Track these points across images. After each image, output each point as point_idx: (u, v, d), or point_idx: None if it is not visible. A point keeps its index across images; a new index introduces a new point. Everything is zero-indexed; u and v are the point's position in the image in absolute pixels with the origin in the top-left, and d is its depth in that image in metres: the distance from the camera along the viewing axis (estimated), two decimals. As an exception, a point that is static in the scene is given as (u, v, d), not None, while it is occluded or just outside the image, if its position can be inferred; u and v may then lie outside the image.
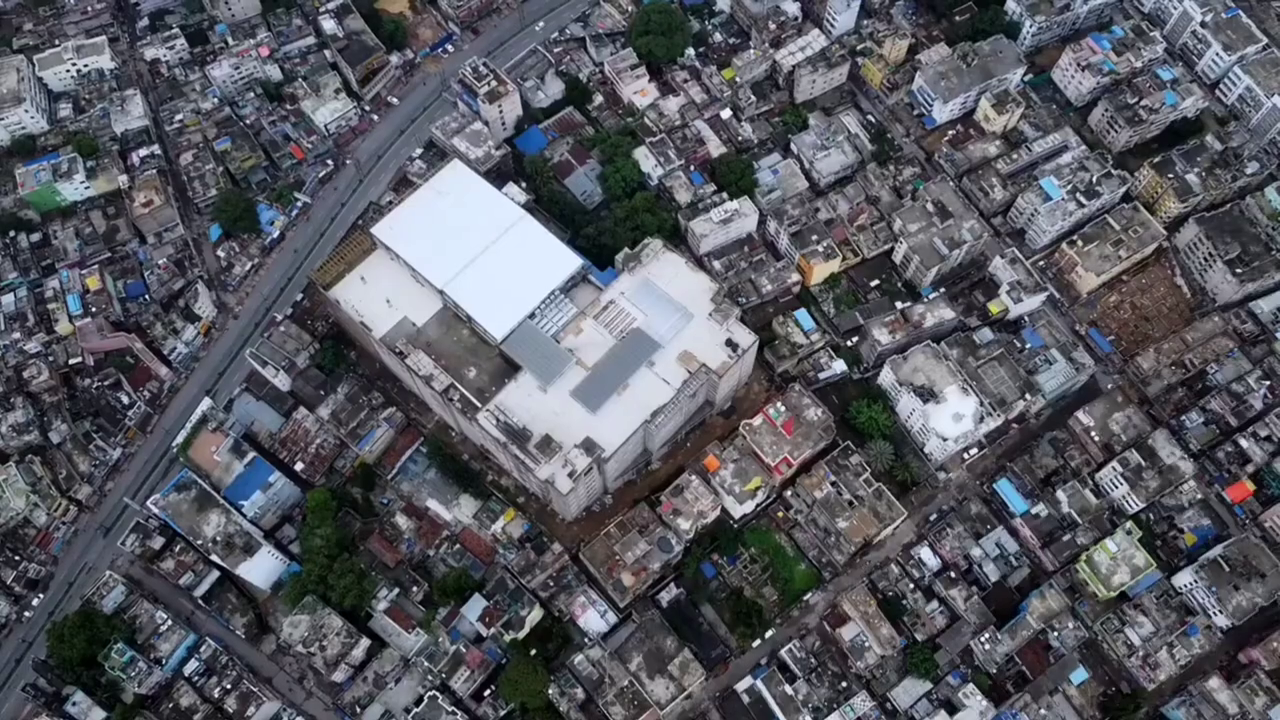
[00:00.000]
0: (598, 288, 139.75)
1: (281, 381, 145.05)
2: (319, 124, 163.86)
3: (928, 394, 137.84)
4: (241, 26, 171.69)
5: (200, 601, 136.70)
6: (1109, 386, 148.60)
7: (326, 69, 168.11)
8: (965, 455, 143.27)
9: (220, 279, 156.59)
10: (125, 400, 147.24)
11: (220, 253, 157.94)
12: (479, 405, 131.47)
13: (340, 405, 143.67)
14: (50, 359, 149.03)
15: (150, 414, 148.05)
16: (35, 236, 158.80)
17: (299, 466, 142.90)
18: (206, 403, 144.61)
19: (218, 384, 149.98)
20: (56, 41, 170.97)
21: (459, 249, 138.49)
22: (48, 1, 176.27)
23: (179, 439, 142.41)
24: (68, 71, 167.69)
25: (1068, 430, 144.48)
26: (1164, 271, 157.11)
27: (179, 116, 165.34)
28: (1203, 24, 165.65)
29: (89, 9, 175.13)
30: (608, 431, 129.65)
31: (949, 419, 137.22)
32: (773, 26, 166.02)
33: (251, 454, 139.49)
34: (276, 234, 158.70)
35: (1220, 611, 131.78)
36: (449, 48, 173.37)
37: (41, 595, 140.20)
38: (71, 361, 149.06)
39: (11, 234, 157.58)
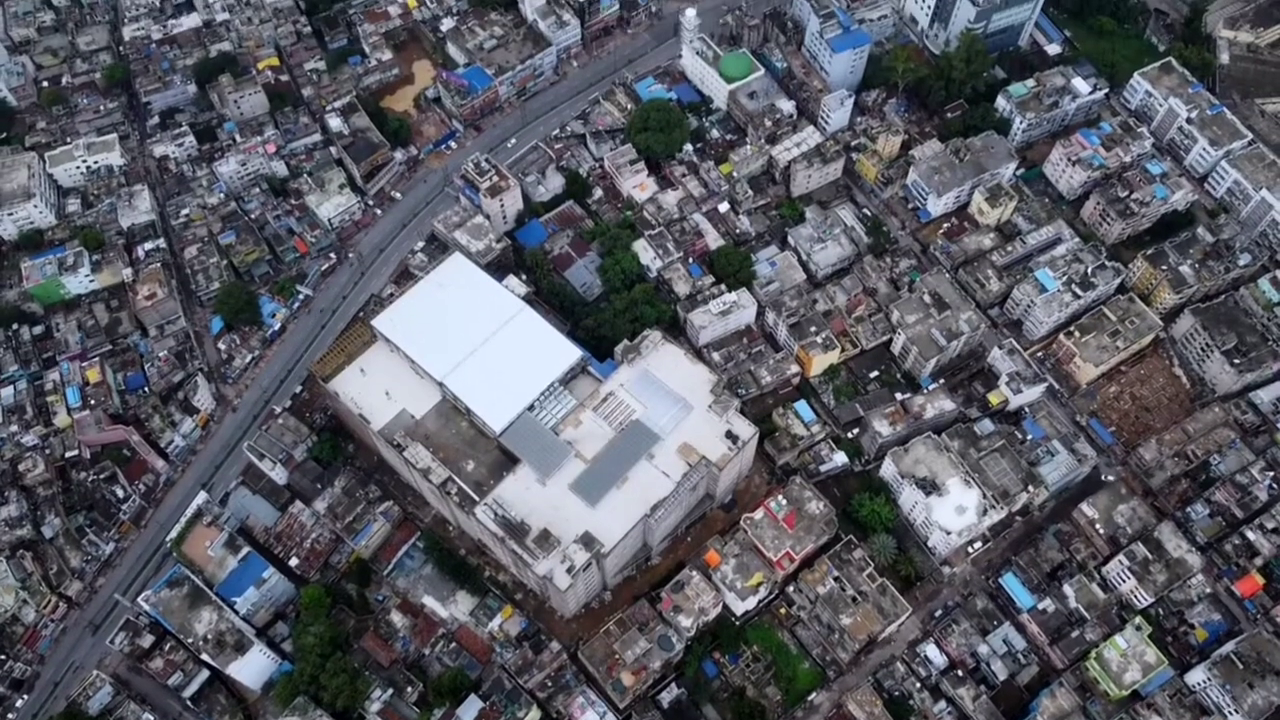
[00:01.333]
0: (597, 379, 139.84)
1: (278, 475, 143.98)
2: (323, 218, 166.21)
3: (930, 486, 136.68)
4: (250, 124, 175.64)
5: (189, 703, 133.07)
6: (1111, 478, 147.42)
7: (331, 165, 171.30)
8: (969, 549, 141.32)
9: (220, 371, 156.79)
10: (120, 494, 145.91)
11: (221, 345, 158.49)
12: (477, 499, 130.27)
13: (337, 499, 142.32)
14: (47, 452, 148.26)
15: (145, 508, 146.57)
16: (38, 329, 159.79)
17: (293, 562, 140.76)
18: (202, 496, 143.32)
19: (214, 477, 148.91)
20: (68, 139, 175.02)
21: (459, 341, 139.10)
22: (61, 100, 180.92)
23: (173, 533, 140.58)
24: (78, 168, 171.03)
25: (1072, 523, 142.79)
26: (1162, 362, 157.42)
27: (185, 211, 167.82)
28: (1188, 120, 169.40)
29: (101, 108, 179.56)
30: (607, 525, 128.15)
31: (952, 512, 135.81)
32: (768, 123, 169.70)
33: (246, 549, 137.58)
34: (277, 326, 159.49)
35: (1236, 711, 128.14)
36: (452, 144, 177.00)
37: (26, 696, 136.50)
38: (68, 454, 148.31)
39: (14, 327, 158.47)
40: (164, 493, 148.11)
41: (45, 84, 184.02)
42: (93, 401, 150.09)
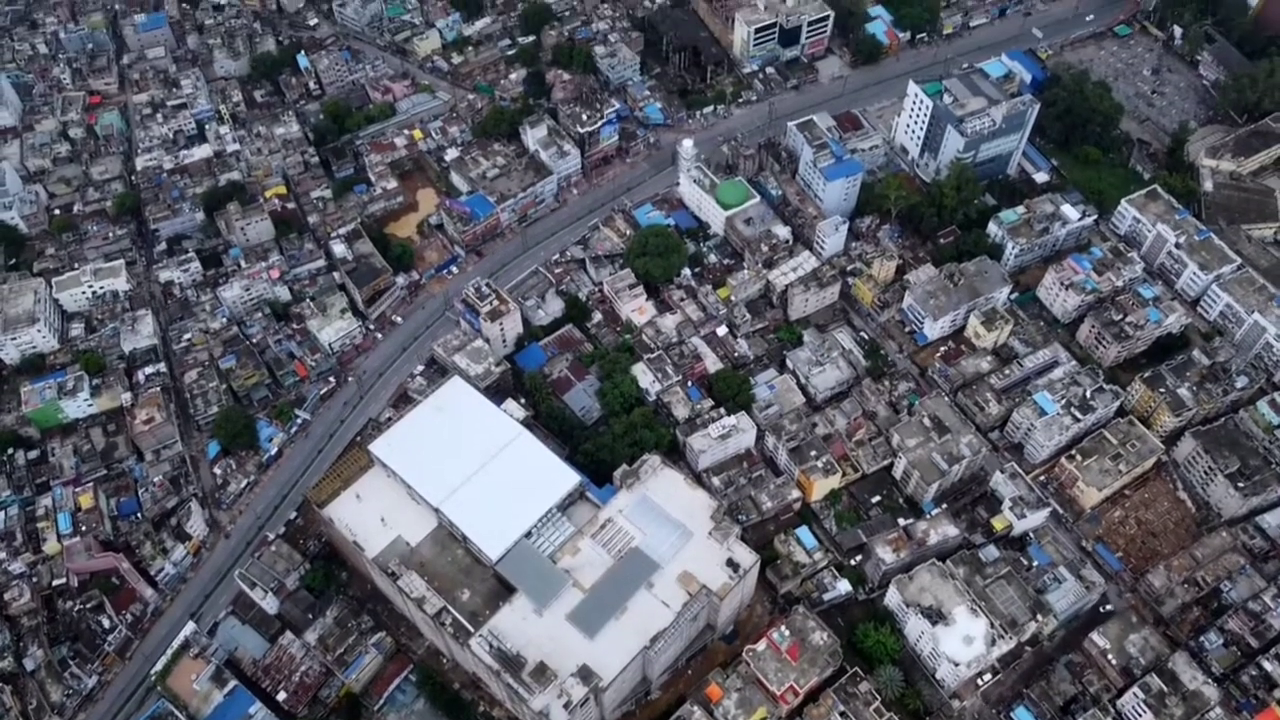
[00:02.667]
0: (596, 505, 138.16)
1: (269, 604, 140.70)
2: (324, 342, 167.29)
3: (936, 615, 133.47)
4: (255, 250, 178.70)
5: None
6: (1121, 605, 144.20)
7: (334, 290, 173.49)
8: (978, 681, 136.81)
9: (215, 497, 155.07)
10: (106, 624, 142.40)
11: (217, 470, 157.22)
12: (472, 630, 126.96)
13: (328, 629, 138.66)
14: (34, 580, 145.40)
15: (131, 639, 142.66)
16: (33, 454, 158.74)
17: (281, 696, 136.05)
18: (190, 627, 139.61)
19: (203, 606, 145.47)
20: (76, 265, 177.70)
21: (456, 466, 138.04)
22: (72, 227, 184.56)
23: (158, 666, 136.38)
24: (83, 293, 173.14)
25: (1083, 653, 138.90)
26: (1166, 486, 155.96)
27: (187, 335, 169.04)
28: (1177, 245, 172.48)
29: (110, 235, 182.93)
30: (605, 658, 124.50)
31: (959, 642, 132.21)
32: (765, 248, 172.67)
33: (232, 683, 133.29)
34: (274, 451, 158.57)
35: None
36: (453, 269, 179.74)
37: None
38: (55, 583, 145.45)
39: (10, 451, 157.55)
40: (151, 623, 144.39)
41: (57, 211, 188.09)
42: (84, 528, 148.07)
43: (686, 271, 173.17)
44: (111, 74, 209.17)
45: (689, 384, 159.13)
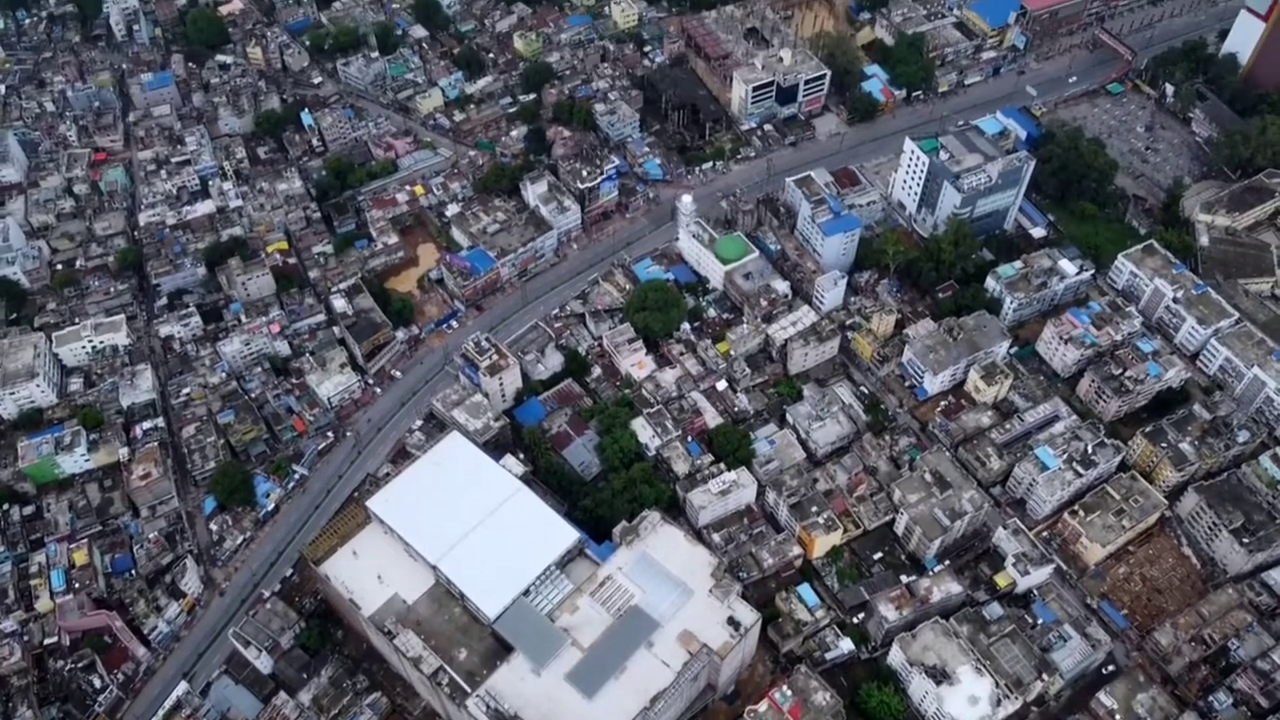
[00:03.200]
0: (595, 562, 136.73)
1: (263, 663, 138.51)
2: (322, 397, 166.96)
3: (940, 675, 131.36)
4: (256, 305, 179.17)
5: None
6: (1128, 664, 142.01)
7: (334, 344, 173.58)
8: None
9: (210, 553, 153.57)
10: (97, 684, 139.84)
11: (213, 526, 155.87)
12: (469, 690, 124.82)
13: (323, 689, 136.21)
14: (25, 638, 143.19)
15: (122, 699, 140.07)
16: (28, 509, 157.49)
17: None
18: (182, 687, 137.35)
19: (196, 665, 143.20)
20: (77, 319, 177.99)
21: (454, 523, 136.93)
22: (73, 282, 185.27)
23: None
24: (83, 348, 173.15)
25: (1090, 713, 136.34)
26: (1170, 541, 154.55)
27: (186, 390, 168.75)
28: (1174, 299, 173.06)
29: (111, 289, 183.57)
30: (605, 719, 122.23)
31: (964, 702, 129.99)
32: (764, 303, 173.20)
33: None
34: (271, 506, 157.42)
35: None
36: (453, 323, 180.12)
37: None
38: (47, 641, 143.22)
39: (4, 507, 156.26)
40: (143, 682, 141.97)
41: (60, 267, 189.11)
42: (77, 585, 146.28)
43: (686, 326, 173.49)
44: (117, 131, 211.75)
45: (689, 439, 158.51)
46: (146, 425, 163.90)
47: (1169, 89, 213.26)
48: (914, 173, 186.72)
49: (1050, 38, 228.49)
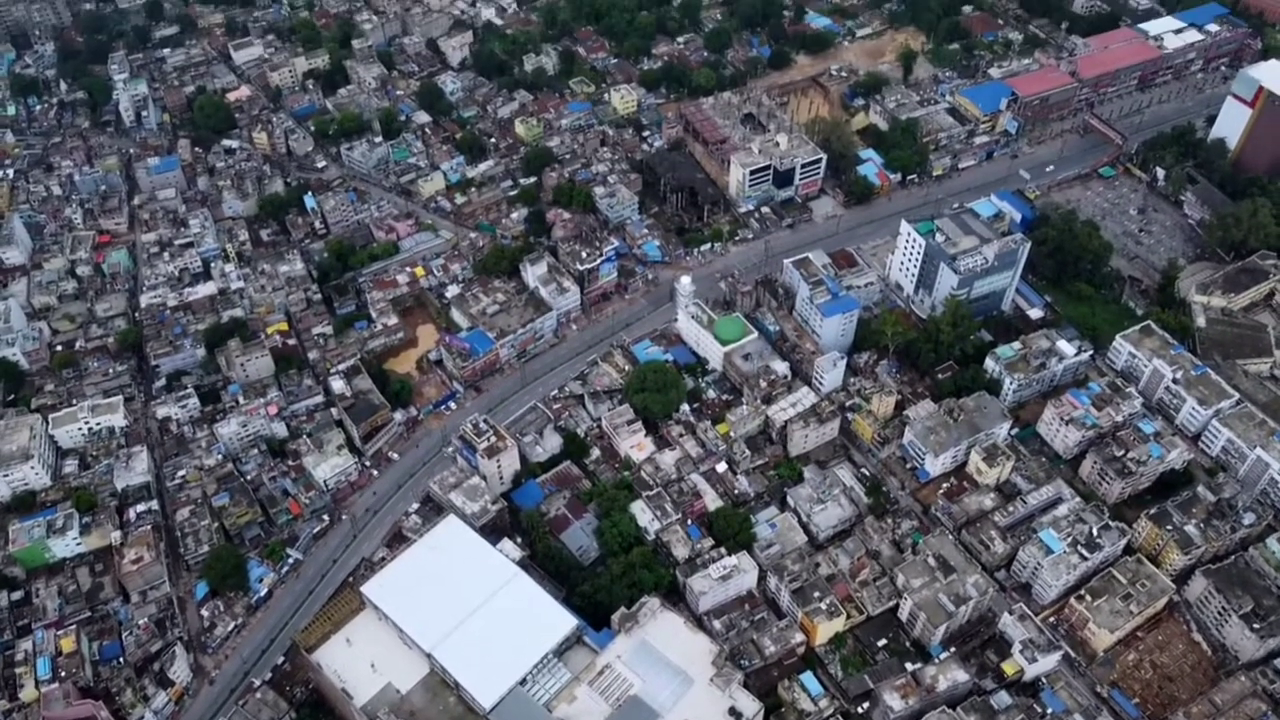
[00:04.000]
0: (593, 650, 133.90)
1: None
2: (318, 479, 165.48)
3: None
4: (254, 386, 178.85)
5: None
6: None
7: (331, 426, 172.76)
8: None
9: (200, 640, 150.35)
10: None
11: (204, 611, 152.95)
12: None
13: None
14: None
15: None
16: (16, 594, 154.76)
17: None
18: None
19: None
20: (74, 401, 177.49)
21: (449, 609, 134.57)
22: (73, 364, 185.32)
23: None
24: (80, 429, 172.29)
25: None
26: (1179, 627, 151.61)
27: (181, 472, 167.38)
28: (1174, 380, 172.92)
29: (110, 371, 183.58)
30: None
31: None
32: (764, 384, 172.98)
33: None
34: (264, 592, 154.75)
35: None
36: (452, 405, 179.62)
37: None
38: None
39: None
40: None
41: (60, 348, 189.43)
42: (64, 674, 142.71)
43: (685, 407, 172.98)
44: (122, 214, 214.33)
45: (689, 522, 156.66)
46: (140, 508, 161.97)
47: (1160, 173, 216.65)
48: (911, 254, 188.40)
49: (1041, 123, 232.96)
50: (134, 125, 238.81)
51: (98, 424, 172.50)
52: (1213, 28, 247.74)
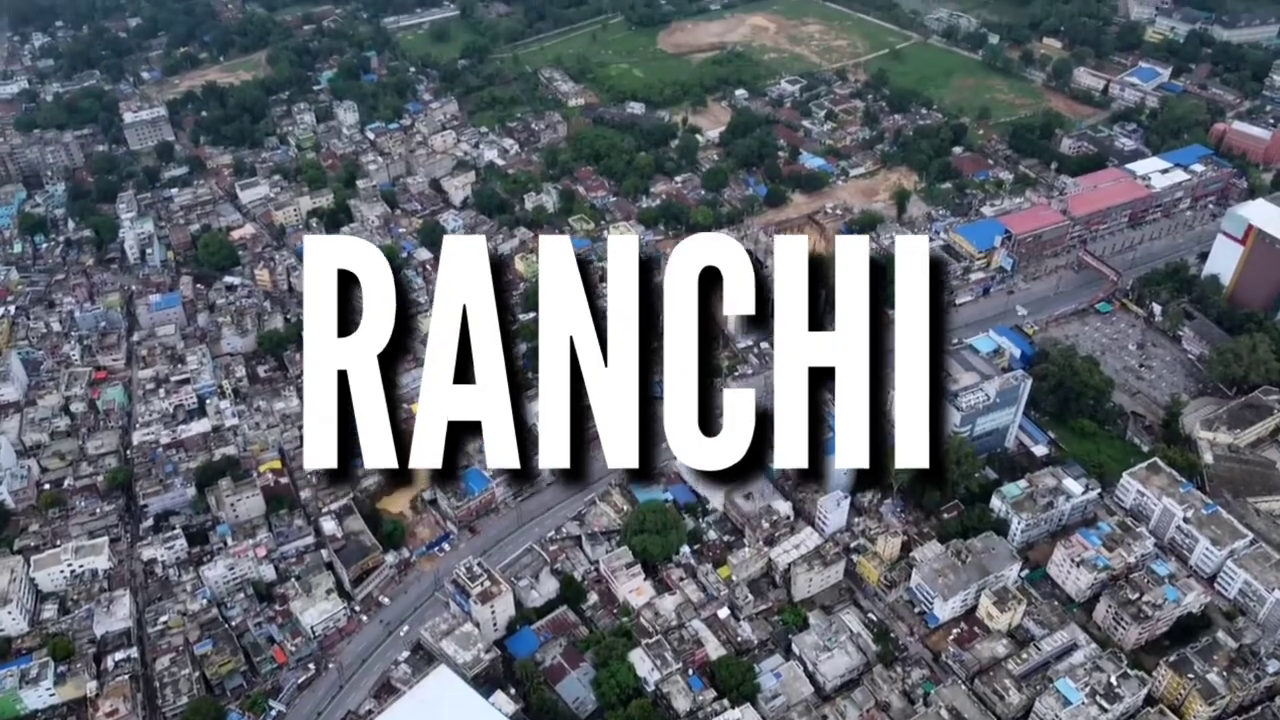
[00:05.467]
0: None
1: None
2: (306, 625, 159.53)
3: None
4: (243, 527, 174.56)
5: None
6: None
7: (321, 568, 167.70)
8: None
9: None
10: None
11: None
12: None
13: None
14: None
15: None
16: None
17: None
18: None
19: None
20: (58, 542, 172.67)
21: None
22: (59, 503, 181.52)
23: None
24: (62, 572, 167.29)
25: None
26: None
27: (164, 618, 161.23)
28: (1185, 520, 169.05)
29: (98, 510, 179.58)
30: None
31: None
32: (766, 525, 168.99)
33: None
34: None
35: None
36: (445, 546, 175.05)
37: None
38: None
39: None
40: None
41: (48, 486, 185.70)
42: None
43: (685, 549, 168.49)
44: (120, 350, 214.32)
45: (690, 672, 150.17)
46: (119, 656, 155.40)
47: (1156, 308, 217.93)
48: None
49: (1036, 259, 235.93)
50: (138, 262, 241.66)
51: (81, 566, 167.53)
52: (1198, 168, 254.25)
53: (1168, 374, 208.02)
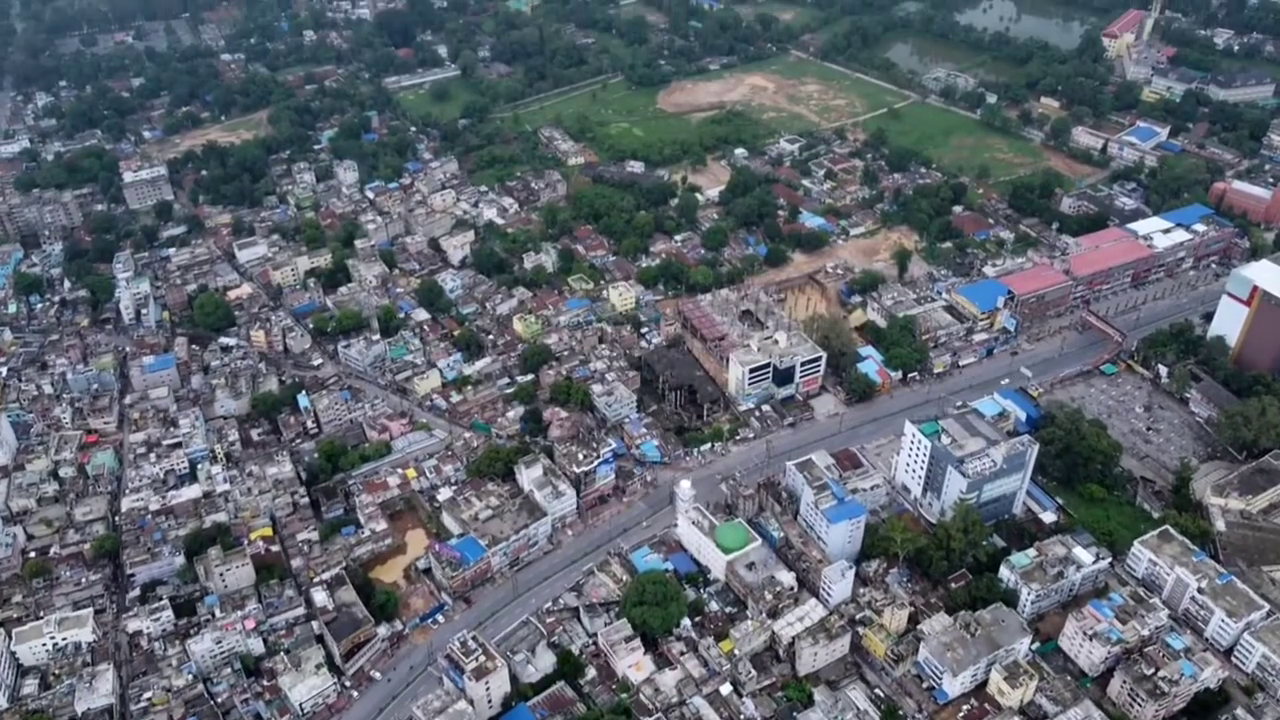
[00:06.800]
0: None
1: None
2: (294, 702, 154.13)
3: None
4: (232, 597, 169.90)
5: None
6: None
7: (311, 641, 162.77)
8: None
9: None
10: None
11: None
12: None
13: None
14: None
15: None
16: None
17: None
18: None
19: None
20: (42, 613, 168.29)
21: None
22: (45, 572, 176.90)
23: None
24: (44, 645, 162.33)
25: None
26: None
27: (148, 694, 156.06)
28: (1199, 590, 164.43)
29: (83, 580, 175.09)
30: None
31: None
32: (769, 596, 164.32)
33: None
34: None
35: None
36: (440, 618, 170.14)
37: None
38: None
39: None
40: None
41: (33, 554, 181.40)
42: None
43: (686, 622, 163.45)
44: (112, 413, 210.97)
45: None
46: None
47: (1163, 370, 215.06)
48: (917, 456, 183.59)
49: (1039, 320, 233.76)
50: (133, 323, 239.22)
51: (64, 639, 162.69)
52: (1200, 227, 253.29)
53: (1176, 437, 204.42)
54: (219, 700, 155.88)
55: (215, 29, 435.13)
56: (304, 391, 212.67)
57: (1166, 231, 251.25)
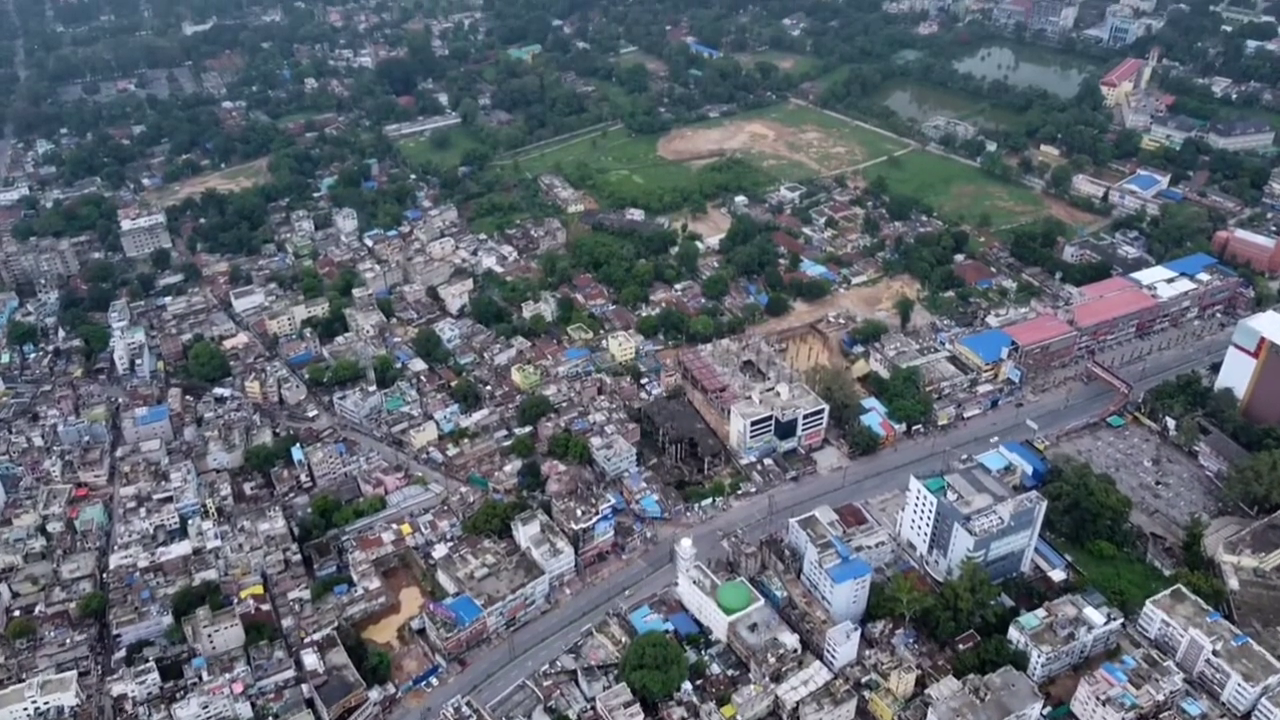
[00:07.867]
0: None
1: None
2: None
3: None
4: (220, 659, 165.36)
5: None
6: None
7: (301, 706, 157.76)
8: None
9: None
10: None
11: None
12: None
13: None
14: None
15: None
16: None
17: None
18: None
19: None
20: (24, 675, 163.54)
21: None
22: (29, 632, 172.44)
23: None
24: (25, 710, 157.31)
25: None
26: None
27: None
28: (1214, 653, 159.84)
29: (68, 641, 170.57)
30: None
31: None
32: (772, 659, 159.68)
33: None
34: None
35: None
36: (433, 681, 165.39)
37: None
38: None
39: None
40: None
41: (17, 613, 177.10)
42: None
43: (687, 685, 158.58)
44: (102, 466, 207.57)
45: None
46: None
47: (1170, 422, 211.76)
48: (922, 513, 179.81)
49: (1044, 371, 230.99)
50: (127, 373, 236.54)
51: (45, 704, 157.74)
52: (1204, 277, 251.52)
53: (1185, 491, 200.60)
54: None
55: (217, 77, 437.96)
56: (298, 444, 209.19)
57: (1170, 281, 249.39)
